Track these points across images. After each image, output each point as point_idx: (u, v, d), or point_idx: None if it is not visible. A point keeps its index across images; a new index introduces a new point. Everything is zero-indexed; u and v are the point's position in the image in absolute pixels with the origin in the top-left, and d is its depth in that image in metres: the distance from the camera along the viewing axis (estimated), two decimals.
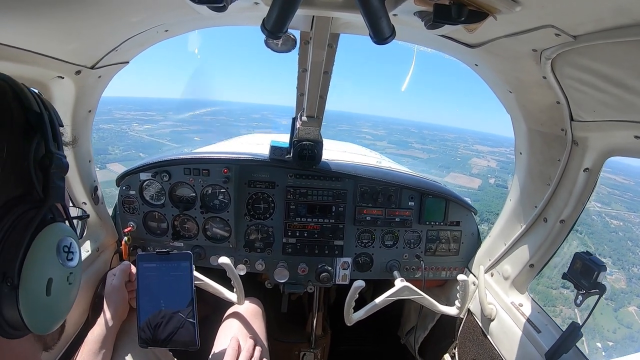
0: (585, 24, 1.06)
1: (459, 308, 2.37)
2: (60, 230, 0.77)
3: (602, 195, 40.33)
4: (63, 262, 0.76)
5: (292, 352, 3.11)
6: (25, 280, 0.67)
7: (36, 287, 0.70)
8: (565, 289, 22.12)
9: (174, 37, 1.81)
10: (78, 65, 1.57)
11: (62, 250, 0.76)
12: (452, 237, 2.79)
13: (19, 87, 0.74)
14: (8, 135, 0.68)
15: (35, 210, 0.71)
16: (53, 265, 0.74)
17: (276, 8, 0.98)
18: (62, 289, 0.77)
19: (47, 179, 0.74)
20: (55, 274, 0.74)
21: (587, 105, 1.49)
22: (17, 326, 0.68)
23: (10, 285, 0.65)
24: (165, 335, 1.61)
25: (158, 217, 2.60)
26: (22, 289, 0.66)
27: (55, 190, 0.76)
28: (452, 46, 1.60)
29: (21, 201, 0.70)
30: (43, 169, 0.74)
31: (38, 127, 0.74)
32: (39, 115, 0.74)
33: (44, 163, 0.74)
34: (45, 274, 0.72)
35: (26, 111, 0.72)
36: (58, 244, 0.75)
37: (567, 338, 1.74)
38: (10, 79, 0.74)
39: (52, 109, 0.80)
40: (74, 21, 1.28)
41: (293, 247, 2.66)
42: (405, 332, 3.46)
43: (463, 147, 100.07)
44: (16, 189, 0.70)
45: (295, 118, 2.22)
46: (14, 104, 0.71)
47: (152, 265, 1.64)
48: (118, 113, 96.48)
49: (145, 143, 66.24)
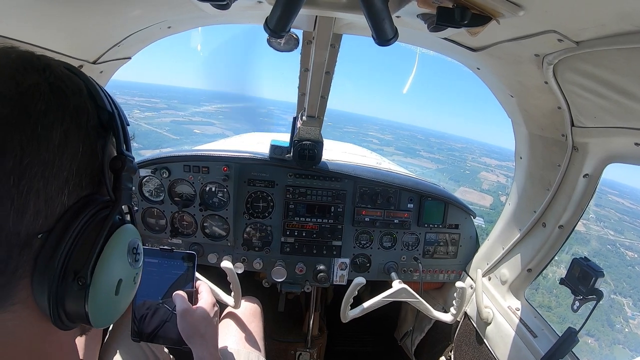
0: (588, 30, 1.06)
1: (454, 314, 2.37)
2: (131, 232, 0.78)
3: (614, 222, 39.15)
4: (132, 264, 0.77)
5: (289, 351, 3.11)
6: (98, 281, 0.67)
7: (107, 287, 0.71)
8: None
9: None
10: (80, 60, 1.57)
11: (132, 251, 0.77)
12: (450, 240, 2.79)
13: (92, 85, 0.72)
14: (84, 135, 0.67)
15: (106, 211, 0.71)
16: (124, 267, 0.75)
17: (279, 7, 0.98)
18: (129, 288, 0.78)
19: (118, 181, 0.74)
20: (125, 274, 0.75)
21: (588, 111, 1.49)
22: (77, 319, 0.69)
23: (81, 284, 0.65)
24: (151, 329, 1.58)
25: (157, 213, 2.59)
26: (92, 288, 0.66)
27: (125, 192, 0.75)
28: (455, 49, 1.60)
29: (92, 201, 0.69)
30: (114, 170, 0.74)
31: (110, 127, 0.73)
32: (111, 115, 0.73)
33: (116, 164, 0.74)
34: (117, 274, 0.73)
35: (99, 110, 0.71)
36: (129, 246, 0.76)
37: (564, 343, 1.74)
38: (84, 75, 0.73)
39: (119, 107, 0.79)
40: (76, 16, 1.28)
41: (291, 247, 2.66)
42: (401, 334, 3.45)
43: (471, 159, 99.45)
44: (87, 189, 0.69)
45: (296, 117, 2.23)
46: (89, 103, 0.70)
47: (154, 261, 1.62)
48: (121, 97, 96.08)
49: (143, 131, 65.51)
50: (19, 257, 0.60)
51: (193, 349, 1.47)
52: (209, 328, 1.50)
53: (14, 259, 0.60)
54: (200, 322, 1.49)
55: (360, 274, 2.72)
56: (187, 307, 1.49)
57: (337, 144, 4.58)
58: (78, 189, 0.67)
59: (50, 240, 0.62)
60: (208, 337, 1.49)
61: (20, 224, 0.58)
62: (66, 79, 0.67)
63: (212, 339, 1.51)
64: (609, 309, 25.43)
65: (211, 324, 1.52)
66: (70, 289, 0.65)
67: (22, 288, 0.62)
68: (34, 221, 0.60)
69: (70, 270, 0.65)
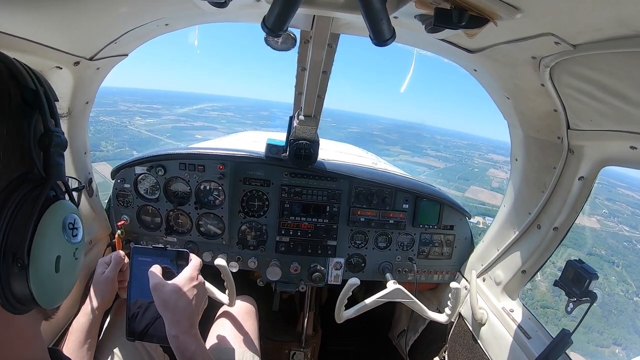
0: (585, 34, 1.07)
1: (449, 315, 2.38)
2: (64, 208, 0.77)
3: (627, 217, 38.67)
4: (69, 239, 0.77)
5: (283, 350, 3.11)
6: (35, 260, 0.68)
7: (46, 265, 0.71)
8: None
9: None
10: (77, 56, 1.56)
11: (68, 227, 0.77)
12: (445, 240, 2.80)
13: (13, 65, 0.72)
14: (7, 116, 0.67)
15: (38, 190, 0.71)
16: (60, 243, 0.75)
17: (277, 6, 0.97)
18: (70, 265, 0.78)
19: (48, 158, 0.74)
20: (63, 251, 0.75)
21: (584, 114, 1.50)
22: (26, 302, 0.69)
23: (20, 265, 0.66)
24: (142, 327, 1.57)
25: (152, 211, 2.58)
26: (32, 268, 0.67)
27: (56, 168, 0.75)
28: (452, 50, 1.60)
29: (23, 181, 0.69)
30: (43, 148, 0.73)
31: (35, 105, 0.72)
32: (35, 93, 0.72)
33: (44, 141, 0.73)
34: (53, 252, 0.73)
35: (22, 89, 0.71)
36: (63, 222, 0.76)
37: (557, 345, 1.75)
38: (3, 55, 0.72)
39: (46, 84, 0.79)
40: (74, 11, 1.27)
41: (286, 246, 2.66)
42: (396, 334, 3.46)
43: (478, 156, 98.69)
44: (17, 169, 0.69)
45: (292, 117, 2.22)
46: (11, 83, 0.69)
47: (147, 260, 1.62)
48: (123, 104, 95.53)
49: (143, 139, 65.29)
50: None
51: (166, 327, 1.41)
52: (179, 302, 1.42)
53: None
54: (170, 295, 1.42)
55: (355, 274, 2.72)
56: (159, 281, 1.45)
57: (334, 143, 4.58)
58: (7, 171, 0.67)
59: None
60: (179, 313, 1.42)
61: None
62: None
63: (184, 314, 1.42)
64: (634, 314, 24.11)
65: (183, 298, 1.43)
66: (11, 271, 0.66)
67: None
68: None
69: (8, 253, 0.65)
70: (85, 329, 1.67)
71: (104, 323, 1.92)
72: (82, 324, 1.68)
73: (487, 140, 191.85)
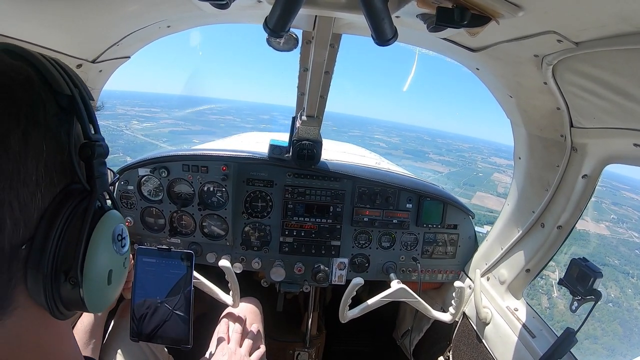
0: (588, 31, 1.06)
1: (453, 314, 2.37)
2: (113, 219, 0.74)
3: (636, 222, 38.03)
4: (118, 251, 0.75)
5: (287, 351, 3.11)
6: (88, 277, 0.66)
7: (99, 280, 0.70)
8: None
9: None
10: (79, 59, 1.57)
11: (117, 239, 0.74)
12: (449, 240, 2.79)
13: (43, 67, 0.65)
14: (44, 130, 0.61)
15: (84, 203, 0.68)
16: (112, 256, 0.73)
17: (279, 7, 0.97)
18: (120, 275, 0.77)
19: (91, 169, 0.70)
20: (114, 264, 0.73)
21: (588, 112, 1.50)
22: (75, 310, 0.68)
23: (73, 283, 0.64)
24: (151, 329, 1.59)
25: (155, 213, 2.59)
26: (85, 286, 0.66)
27: (101, 179, 0.72)
28: (454, 49, 1.60)
29: (67, 195, 0.65)
30: (85, 159, 0.70)
31: (71, 110, 0.67)
32: (70, 98, 0.67)
33: (85, 152, 0.69)
34: (106, 267, 0.71)
35: (57, 96, 0.65)
36: (113, 234, 0.73)
37: (562, 344, 1.74)
38: (31, 56, 0.65)
39: (80, 83, 0.72)
40: (76, 14, 1.28)
41: (290, 247, 2.66)
42: (400, 333, 3.46)
43: (481, 160, 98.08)
44: (60, 182, 0.65)
45: (295, 117, 2.22)
46: (44, 92, 0.63)
47: (152, 261, 1.63)
48: (121, 108, 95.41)
49: (138, 144, 64.37)
50: (9, 270, 0.59)
51: None
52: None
53: (4, 273, 0.58)
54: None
55: (359, 274, 2.72)
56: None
57: (336, 143, 4.58)
58: (51, 187, 0.63)
59: (35, 248, 0.61)
60: None
61: (2, 239, 0.56)
62: (11, 72, 0.60)
63: None
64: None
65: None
66: (64, 289, 0.64)
67: (19, 293, 0.62)
68: (14, 233, 0.57)
69: (60, 272, 0.64)
70: (89, 330, 1.67)
71: (109, 324, 1.93)
72: (86, 325, 1.69)
73: (488, 142, 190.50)
